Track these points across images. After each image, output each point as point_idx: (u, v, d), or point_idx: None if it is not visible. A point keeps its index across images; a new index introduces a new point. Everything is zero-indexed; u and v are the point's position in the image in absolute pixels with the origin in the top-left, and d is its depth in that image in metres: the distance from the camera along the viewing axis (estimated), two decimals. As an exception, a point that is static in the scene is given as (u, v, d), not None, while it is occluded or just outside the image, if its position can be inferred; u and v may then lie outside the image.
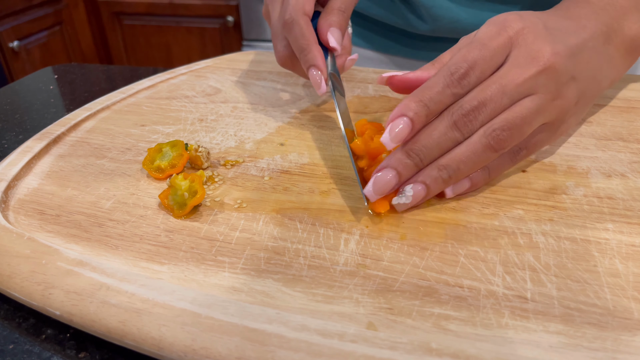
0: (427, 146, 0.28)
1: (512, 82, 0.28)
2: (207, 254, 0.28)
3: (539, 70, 0.28)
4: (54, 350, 0.25)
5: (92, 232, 0.30)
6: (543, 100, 0.29)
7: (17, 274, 0.26)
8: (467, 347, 0.22)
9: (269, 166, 0.36)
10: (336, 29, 0.38)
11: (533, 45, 0.29)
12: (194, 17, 1.86)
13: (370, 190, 0.28)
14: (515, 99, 0.28)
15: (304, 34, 0.37)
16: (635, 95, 0.45)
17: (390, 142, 0.27)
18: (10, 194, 0.33)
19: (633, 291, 0.25)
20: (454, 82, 0.28)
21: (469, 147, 0.28)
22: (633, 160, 0.35)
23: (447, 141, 0.28)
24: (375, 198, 0.28)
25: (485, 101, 0.28)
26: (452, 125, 0.28)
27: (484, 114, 0.28)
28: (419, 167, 0.28)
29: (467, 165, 0.29)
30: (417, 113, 0.27)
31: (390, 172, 0.28)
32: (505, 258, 0.27)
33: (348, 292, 0.25)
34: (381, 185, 0.28)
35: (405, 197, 0.28)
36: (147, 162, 0.35)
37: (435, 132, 0.28)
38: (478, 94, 0.28)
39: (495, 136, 0.28)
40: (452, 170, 0.28)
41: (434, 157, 0.28)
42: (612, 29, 0.34)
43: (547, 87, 0.29)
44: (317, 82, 0.37)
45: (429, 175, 0.29)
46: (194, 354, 0.22)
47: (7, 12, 1.56)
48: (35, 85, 0.57)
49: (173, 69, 0.53)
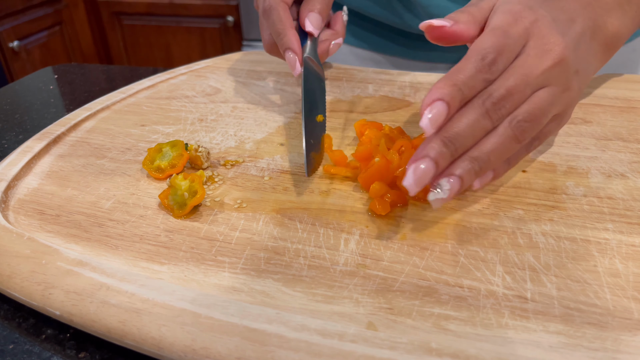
0: (463, 135, 0.28)
1: (533, 73, 0.29)
2: (207, 254, 0.28)
3: (555, 63, 0.29)
4: (54, 350, 0.25)
5: (92, 232, 0.30)
6: (556, 92, 0.30)
7: (17, 274, 0.26)
8: (467, 347, 0.22)
9: (269, 166, 0.36)
10: (314, 14, 0.41)
11: (547, 37, 0.29)
12: (194, 17, 1.86)
13: (411, 181, 0.27)
14: (534, 90, 0.29)
15: (281, 19, 0.39)
16: (635, 95, 0.45)
17: (430, 127, 0.27)
18: (10, 194, 0.33)
19: (633, 291, 0.25)
20: (485, 68, 0.28)
21: (497, 138, 0.28)
22: (633, 160, 0.35)
23: (479, 130, 0.28)
24: (416, 190, 0.27)
25: (513, 90, 0.28)
26: (484, 113, 0.28)
27: (511, 103, 0.28)
28: (453, 157, 0.28)
29: (496, 157, 0.29)
30: (453, 97, 0.27)
31: (429, 161, 0.27)
32: (505, 258, 0.27)
33: (348, 292, 0.25)
34: (421, 175, 0.27)
35: (443, 191, 0.27)
36: (147, 162, 0.35)
37: (469, 120, 0.28)
38: (505, 82, 0.28)
39: (520, 127, 0.28)
40: (482, 162, 0.29)
41: (467, 146, 0.28)
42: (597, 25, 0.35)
43: (559, 79, 0.30)
44: (292, 64, 0.39)
45: (463, 168, 0.28)
46: (194, 354, 0.22)
47: (7, 12, 1.56)
48: (35, 85, 0.57)
49: (173, 69, 0.53)
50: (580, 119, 0.41)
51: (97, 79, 0.60)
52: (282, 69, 0.53)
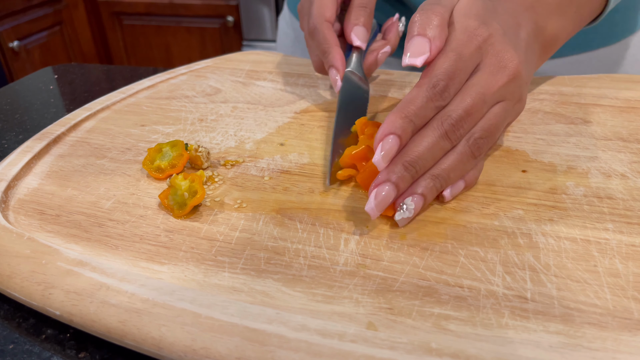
0: (423, 157, 0.29)
1: (490, 90, 0.30)
2: (207, 254, 0.28)
3: (510, 79, 0.30)
4: (54, 350, 0.25)
5: (92, 232, 0.30)
6: (509, 105, 0.31)
7: (17, 274, 0.26)
8: (467, 347, 0.22)
9: (269, 166, 0.36)
10: (360, 27, 0.42)
11: (502, 54, 0.30)
12: (194, 17, 1.86)
13: (373, 205, 0.28)
14: (490, 106, 0.30)
15: (326, 38, 0.41)
16: (635, 95, 0.45)
17: (382, 162, 0.28)
18: (10, 194, 0.33)
19: (633, 291, 0.25)
20: (436, 96, 0.29)
21: (456, 156, 0.30)
22: (633, 160, 0.35)
23: (439, 150, 0.29)
24: (377, 214, 0.28)
25: (470, 110, 0.29)
26: (443, 135, 0.29)
27: (469, 122, 0.30)
28: (414, 178, 0.29)
29: (456, 173, 0.30)
30: (404, 130, 0.28)
31: (389, 185, 0.28)
32: (505, 258, 0.27)
33: (348, 292, 0.25)
34: (381, 199, 0.28)
35: (408, 211, 0.29)
36: (147, 162, 0.35)
37: (429, 142, 0.29)
38: (462, 102, 0.29)
39: (476, 144, 0.30)
40: (443, 180, 0.30)
41: (427, 167, 0.30)
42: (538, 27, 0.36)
43: (514, 93, 0.31)
44: (334, 80, 0.41)
45: (425, 186, 0.30)
46: (194, 354, 0.22)
47: (7, 12, 1.56)
48: (35, 85, 0.57)
49: (173, 69, 0.53)
50: (580, 119, 0.41)
51: (97, 79, 0.60)
52: (282, 69, 0.53)
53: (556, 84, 0.47)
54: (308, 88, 0.49)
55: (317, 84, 0.49)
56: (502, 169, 0.35)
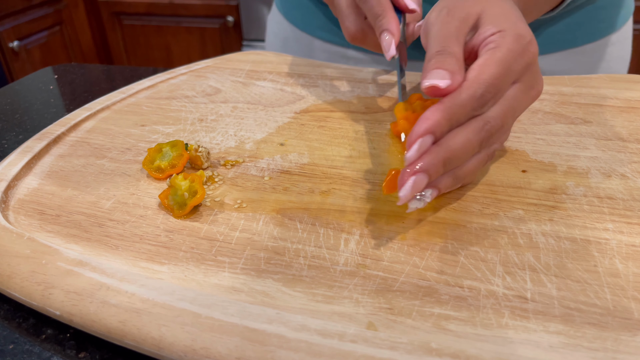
0: (458, 157, 0.29)
1: (521, 107, 0.31)
2: (207, 254, 0.28)
3: (534, 100, 0.32)
4: (54, 350, 0.25)
5: (92, 232, 0.30)
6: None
7: (17, 274, 0.26)
8: (467, 347, 0.22)
9: (269, 166, 0.36)
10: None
11: (536, 74, 0.31)
12: (194, 17, 1.86)
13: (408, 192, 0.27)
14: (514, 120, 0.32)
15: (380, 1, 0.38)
16: (635, 95, 0.45)
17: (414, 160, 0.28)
18: (10, 194, 0.33)
19: (633, 291, 0.25)
20: (479, 105, 0.29)
21: (475, 162, 0.31)
22: (633, 160, 0.35)
23: (471, 153, 0.30)
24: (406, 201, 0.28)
25: (504, 124, 0.30)
26: (481, 141, 0.29)
27: (501, 134, 0.31)
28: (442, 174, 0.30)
29: (470, 177, 0.32)
30: (442, 131, 0.28)
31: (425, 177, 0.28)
32: (505, 258, 0.27)
33: (348, 292, 0.25)
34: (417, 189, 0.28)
35: (424, 202, 0.29)
36: (147, 162, 0.35)
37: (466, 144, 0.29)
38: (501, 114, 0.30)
39: (493, 153, 0.32)
40: (460, 180, 0.31)
41: (456, 166, 0.30)
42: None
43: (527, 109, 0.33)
44: (388, 45, 0.37)
45: (445, 183, 0.30)
46: (194, 354, 0.22)
47: (7, 12, 1.56)
48: (35, 85, 0.57)
49: (173, 69, 0.53)
50: (580, 119, 0.41)
51: (97, 79, 0.60)
52: (282, 69, 0.53)
53: (556, 84, 0.47)
54: (308, 88, 0.49)
55: (317, 84, 0.49)
56: (502, 169, 0.35)
